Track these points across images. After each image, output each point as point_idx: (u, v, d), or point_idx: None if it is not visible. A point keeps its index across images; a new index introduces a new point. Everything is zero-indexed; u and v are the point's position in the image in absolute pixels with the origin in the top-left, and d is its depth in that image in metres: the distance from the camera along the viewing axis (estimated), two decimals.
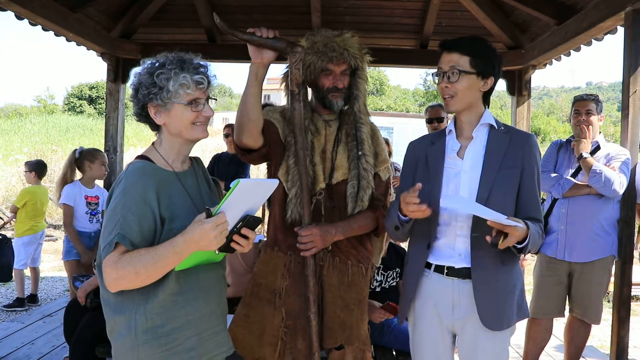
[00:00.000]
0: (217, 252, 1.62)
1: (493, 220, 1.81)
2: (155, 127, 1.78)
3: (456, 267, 2.03)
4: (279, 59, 2.16)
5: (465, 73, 2.00)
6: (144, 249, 1.59)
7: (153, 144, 1.81)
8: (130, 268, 1.55)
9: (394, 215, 2.06)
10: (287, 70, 2.31)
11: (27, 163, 6.22)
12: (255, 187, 1.68)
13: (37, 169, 6.08)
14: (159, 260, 1.56)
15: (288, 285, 2.28)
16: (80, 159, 4.44)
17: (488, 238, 1.85)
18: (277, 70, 2.48)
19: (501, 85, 5.62)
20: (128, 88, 6.12)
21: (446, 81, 2.02)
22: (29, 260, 5.97)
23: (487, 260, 1.99)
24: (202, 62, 1.77)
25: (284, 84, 2.34)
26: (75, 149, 4.61)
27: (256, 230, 1.71)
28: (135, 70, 1.78)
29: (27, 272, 6.24)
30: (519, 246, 1.90)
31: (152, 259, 1.56)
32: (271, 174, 2.38)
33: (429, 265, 2.09)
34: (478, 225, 1.96)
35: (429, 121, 4.55)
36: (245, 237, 1.64)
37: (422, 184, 1.98)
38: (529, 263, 5.92)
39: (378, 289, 3.24)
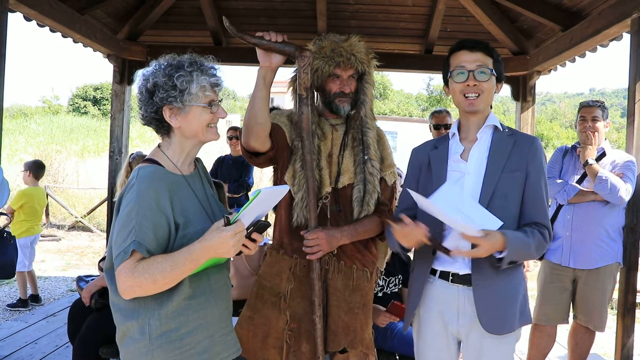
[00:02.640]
0: None
1: (463, 231, 1.81)
2: (164, 131, 1.76)
3: (461, 273, 2.02)
4: (286, 62, 2.17)
5: (491, 73, 2.00)
6: (160, 256, 1.58)
7: (159, 146, 1.80)
8: (147, 276, 1.54)
9: (394, 242, 2.06)
10: (295, 75, 2.31)
11: (25, 163, 6.18)
12: (271, 194, 1.71)
13: (33, 169, 6.02)
14: (176, 267, 1.56)
15: (293, 288, 2.28)
16: (133, 164, 4.44)
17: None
18: (282, 74, 2.49)
19: (505, 90, 5.62)
20: (134, 90, 6.12)
21: (473, 79, 1.99)
22: (27, 262, 5.96)
23: (487, 264, 1.97)
24: (215, 65, 1.78)
25: (291, 88, 2.35)
26: (131, 154, 4.60)
27: (263, 233, 1.72)
28: (143, 72, 1.74)
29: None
30: (498, 256, 1.87)
31: (170, 266, 1.55)
32: (277, 177, 2.38)
33: (434, 272, 2.08)
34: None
35: (436, 127, 4.52)
36: (254, 240, 1.66)
37: (426, 191, 1.99)
38: (532, 269, 5.90)
39: (380, 294, 3.24)
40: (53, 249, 9.75)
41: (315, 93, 2.38)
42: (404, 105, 43.04)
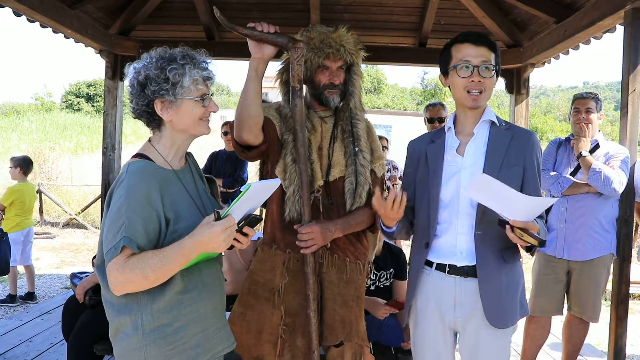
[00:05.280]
0: None
1: (516, 219, 1.79)
2: (155, 124, 1.75)
3: (458, 265, 2.02)
4: (277, 55, 2.15)
5: (494, 69, 2.00)
6: (150, 251, 1.57)
7: (149, 140, 1.79)
8: (138, 272, 1.53)
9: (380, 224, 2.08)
10: (282, 67, 2.30)
11: (12, 159, 6.19)
12: (262, 189, 1.70)
13: (23, 164, 6.07)
14: (167, 263, 1.55)
15: (287, 283, 2.27)
16: None
17: (512, 236, 1.82)
18: (276, 69, 2.47)
19: (499, 84, 5.62)
20: (126, 86, 6.08)
21: (478, 76, 1.97)
22: (19, 257, 5.96)
23: (491, 258, 1.98)
24: (207, 58, 1.76)
25: (279, 81, 2.33)
26: None
27: (255, 227, 1.72)
28: (134, 65, 1.73)
29: (21, 269, 6.25)
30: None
31: (160, 262, 1.54)
32: (267, 171, 2.36)
33: (430, 264, 2.09)
34: (481, 223, 1.96)
35: (430, 120, 4.52)
36: (245, 234, 1.65)
37: (424, 184, 1.99)
38: (526, 261, 5.92)
39: (372, 288, 3.24)
40: (47, 246, 9.71)
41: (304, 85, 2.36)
42: (398, 99, 43.02)
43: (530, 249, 1.91)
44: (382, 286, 3.28)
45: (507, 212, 1.81)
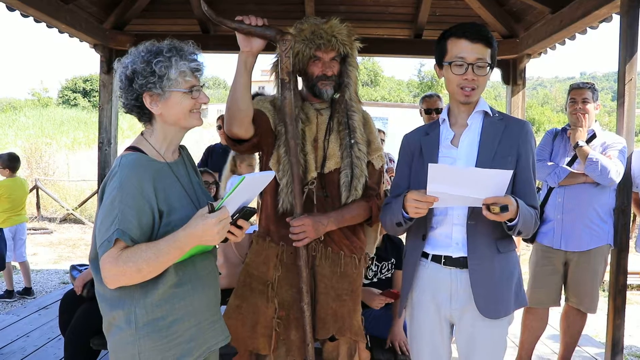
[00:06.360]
0: None
1: (487, 197, 1.80)
2: (146, 118, 1.74)
3: (454, 256, 2.02)
4: (268, 48, 2.13)
5: (489, 66, 1.98)
6: (144, 244, 1.56)
7: (142, 134, 1.78)
8: (131, 264, 1.52)
9: (398, 212, 2.01)
10: (277, 59, 2.29)
11: None
12: (255, 181, 1.69)
13: (7, 162, 6.02)
14: (160, 255, 1.54)
15: (280, 276, 2.26)
16: (237, 157, 4.47)
17: (486, 213, 1.82)
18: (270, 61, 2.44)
19: (496, 75, 5.60)
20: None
21: (472, 74, 1.96)
22: (11, 253, 5.95)
23: (483, 248, 1.98)
24: (195, 50, 1.75)
25: (274, 74, 2.31)
26: None
27: (250, 220, 1.71)
28: (122, 60, 1.71)
29: (17, 266, 6.24)
30: (510, 224, 1.88)
31: (154, 254, 1.53)
32: (263, 163, 2.35)
33: (426, 255, 2.08)
34: (474, 213, 1.95)
35: (427, 112, 4.52)
36: (240, 227, 1.64)
37: (419, 177, 1.97)
38: (524, 253, 5.93)
39: (375, 279, 3.24)
40: (45, 241, 9.70)
41: (298, 77, 2.34)
42: (395, 91, 43.01)
43: (511, 228, 1.90)
44: (384, 277, 3.28)
45: (476, 192, 1.81)
